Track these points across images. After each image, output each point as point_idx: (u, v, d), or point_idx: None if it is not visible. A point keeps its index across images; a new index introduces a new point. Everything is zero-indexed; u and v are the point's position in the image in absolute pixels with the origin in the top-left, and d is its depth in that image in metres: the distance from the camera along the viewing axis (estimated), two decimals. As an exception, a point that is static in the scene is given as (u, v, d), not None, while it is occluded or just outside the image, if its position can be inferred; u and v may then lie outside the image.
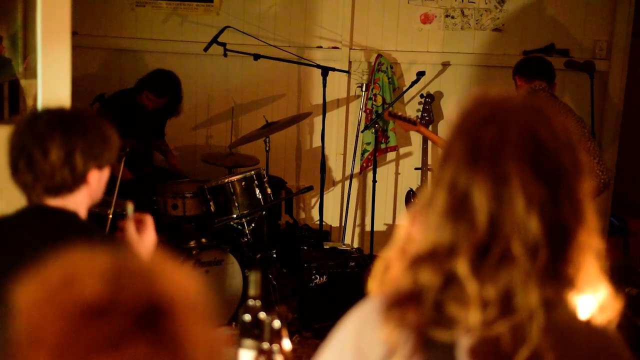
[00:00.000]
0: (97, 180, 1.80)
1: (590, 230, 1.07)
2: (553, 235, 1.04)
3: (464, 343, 1.04)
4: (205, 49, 4.46)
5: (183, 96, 4.57)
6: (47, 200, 1.76)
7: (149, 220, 1.97)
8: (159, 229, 4.13)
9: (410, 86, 4.79)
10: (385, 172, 5.16)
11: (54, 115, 1.77)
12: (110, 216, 3.50)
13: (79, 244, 1.75)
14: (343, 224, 5.10)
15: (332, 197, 5.16)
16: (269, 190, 4.00)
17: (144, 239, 1.96)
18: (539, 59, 4.05)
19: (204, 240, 3.93)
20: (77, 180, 1.76)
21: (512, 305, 1.02)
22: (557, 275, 1.05)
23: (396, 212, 5.20)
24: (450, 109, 5.01)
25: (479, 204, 1.04)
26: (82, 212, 1.81)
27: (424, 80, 4.85)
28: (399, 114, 4.52)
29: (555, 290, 1.05)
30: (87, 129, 1.77)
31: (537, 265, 1.03)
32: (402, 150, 5.16)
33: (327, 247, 4.30)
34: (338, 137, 5.11)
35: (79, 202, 1.79)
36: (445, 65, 5.03)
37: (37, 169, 1.73)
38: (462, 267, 1.04)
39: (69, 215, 1.76)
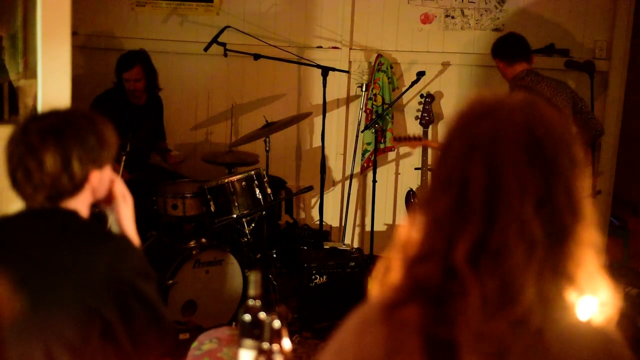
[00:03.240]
0: (99, 179, 1.79)
1: (588, 226, 1.08)
2: (550, 229, 1.04)
3: (464, 340, 1.04)
4: (205, 49, 4.47)
5: (155, 70, 4.56)
6: (49, 205, 1.76)
7: (124, 189, 1.94)
8: (159, 229, 4.16)
9: (410, 86, 4.79)
10: (385, 172, 5.16)
11: (45, 122, 1.74)
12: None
13: (80, 243, 1.76)
14: (343, 224, 5.10)
15: (332, 197, 5.16)
16: (269, 190, 4.00)
17: (128, 205, 1.94)
18: (513, 38, 4.13)
19: (204, 240, 3.93)
20: (77, 186, 1.75)
21: (511, 300, 1.03)
22: (555, 270, 1.05)
23: (396, 212, 5.20)
24: (450, 109, 5.01)
25: (475, 198, 1.05)
26: (84, 211, 1.80)
27: (424, 80, 4.85)
28: (403, 136, 4.60)
29: (554, 286, 1.05)
30: (82, 132, 1.74)
31: (535, 258, 1.03)
32: (402, 150, 5.16)
33: (327, 247, 4.30)
34: (338, 137, 5.12)
35: (81, 202, 1.78)
36: (445, 65, 5.03)
37: (35, 180, 1.71)
38: (460, 262, 1.04)
39: (69, 215, 1.76)
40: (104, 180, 1.83)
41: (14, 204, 1.80)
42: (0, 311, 0.98)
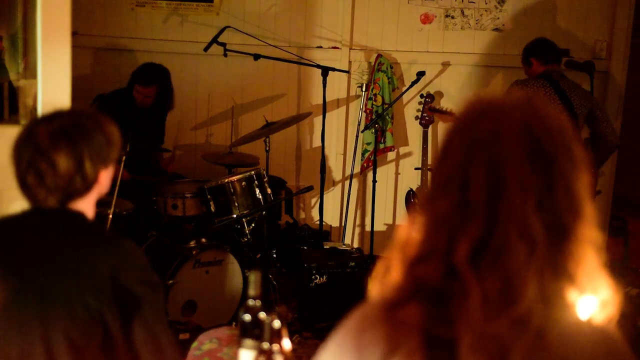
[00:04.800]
0: (106, 178, 1.81)
1: (588, 224, 1.08)
2: (551, 228, 1.04)
3: (464, 340, 1.04)
4: (205, 49, 4.46)
5: (173, 88, 4.55)
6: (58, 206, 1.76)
7: None
8: (159, 229, 4.16)
9: (410, 86, 4.79)
10: (385, 172, 5.16)
11: (53, 124, 1.74)
12: (110, 216, 3.50)
13: (85, 244, 1.76)
14: (343, 224, 5.10)
15: (332, 197, 5.16)
16: (269, 190, 4.00)
17: None
18: (553, 44, 4.24)
19: (204, 240, 3.93)
20: (88, 186, 1.76)
21: (512, 300, 1.02)
22: (556, 269, 1.05)
23: (396, 212, 5.20)
24: (451, 109, 5.01)
25: (475, 198, 1.05)
26: (90, 211, 1.81)
27: (424, 80, 4.85)
28: (438, 107, 4.62)
29: (555, 285, 1.05)
30: (90, 133, 1.75)
31: (536, 257, 1.03)
32: (402, 150, 5.16)
33: (327, 247, 4.30)
34: (338, 137, 5.12)
35: (88, 202, 1.80)
36: (445, 65, 5.03)
37: (48, 183, 1.71)
38: (461, 263, 1.04)
39: (76, 216, 1.76)
40: (109, 177, 1.84)
41: (14, 204, 1.80)
42: None
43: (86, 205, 1.79)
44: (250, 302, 1.24)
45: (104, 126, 1.79)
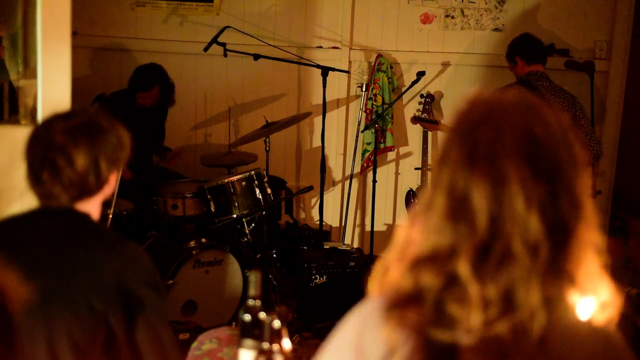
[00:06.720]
0: (114, 180, 1.81)
1: (589, 226, 1.07)
2: (553, 233, 1.03)
3: (464, 343, 1.03)
4: (205, 49, 4.46)
5: (173, 83, 4.55)
6: (68, 205, 1.76)
7: None
8: (159, 229, 4.16)
9: (410, 86, 4.79)
10: (385, 172, 5.16)
11: (70, 122, 1.74)
12: (111, 216, 3.50)
13: (91, 246, 1.76)
14: (343, 224, 5.10)
15: (332, 197, 5.16)
16: (269, 190, 4.00)
17: None
18: (538, 42, 4.17)
19: (204, 240, 3.93)
20: (99, 186, 1.77)
21: (513, 305, 1.02)
22: (558, 272, 1.04)
23: (396, 212, 5.20)
24: (450, 109, 5.01)
25: (478, 204, 1.04)
26: (95, 213, 1.81)
27: (424, 80, 4.85)
28: (423, 116, 4.60)
29: (556, 288, 1.04)
30: (106, 133, 1.76)
31: (538, 263, 1.03)
32: (402, 150, 5.16)
33: (327, 247, 4.30)
34: (338, 137, 5.11)
35: (95, 203, 1.80)
36: (445, 65, 5.03)
37: (63, 179, 1.71)
38: (463, 267, 1.03)
39: (81, 217, 1.76)
40: (117, 180, 1.85)
41: (14, 204, 1.80)
42: (11, 301, 0.99)
43: (92, 207, 1.80)
44: (250, 302, 1.24)
45: (117, 128, 1.81)
